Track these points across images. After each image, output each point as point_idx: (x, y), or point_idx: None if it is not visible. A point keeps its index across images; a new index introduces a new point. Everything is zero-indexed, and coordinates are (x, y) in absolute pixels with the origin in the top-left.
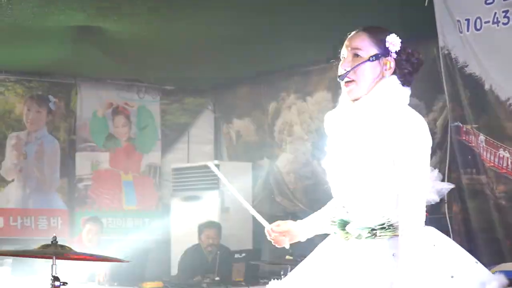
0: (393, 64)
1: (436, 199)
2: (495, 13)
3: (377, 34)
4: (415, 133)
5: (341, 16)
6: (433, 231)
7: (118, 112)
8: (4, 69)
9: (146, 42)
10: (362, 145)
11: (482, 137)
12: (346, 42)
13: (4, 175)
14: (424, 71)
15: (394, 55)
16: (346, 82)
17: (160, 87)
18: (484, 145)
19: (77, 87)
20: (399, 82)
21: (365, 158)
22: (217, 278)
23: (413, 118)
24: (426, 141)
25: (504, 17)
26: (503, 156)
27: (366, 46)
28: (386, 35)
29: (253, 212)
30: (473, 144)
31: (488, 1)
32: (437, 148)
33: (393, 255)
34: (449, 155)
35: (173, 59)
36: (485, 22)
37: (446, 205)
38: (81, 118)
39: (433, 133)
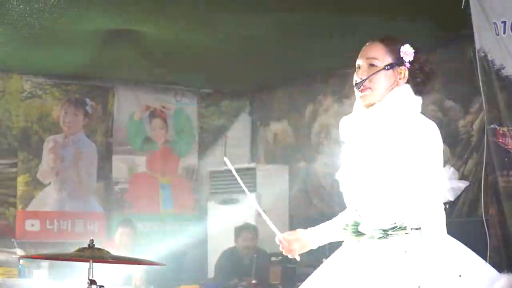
0: (406, 73)
1: (451, 198)
2: None
3: (392, 44)
4: (428, 139)
5: (379, 19)
6: (418, 236)
7: (155, 115)
8: (41, 73)
9: (183, 45)
10: (377, 151)
11: None
12: (361, 52)
13: (41, 178)
14: (460, 74)
15: (408, 65)
16: (362, 89)
17: (197, 90)
18: None
19: (114, 90)
20: (412, 90)
21: (379, 163)
22: (254, 281)
23: (426, 125)
24: (439, 147)
25: None
26: None
27: (382, 55)
28: (401, 45)
29: (265, 217)
30: (510, 147)
31: None
32: (474, 150)
33: (405, 252)
34: (486, 157)
35: (210, 62)
36: None
37: (482, 208)
38: (118, 121)
39: (469, 136)
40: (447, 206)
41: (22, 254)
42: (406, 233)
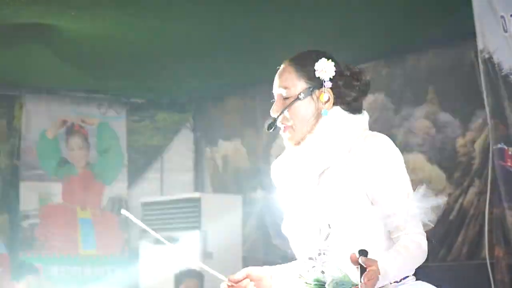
0: (327, 96)
1: (433, 218)
2: None
3: (305, 64)
4: (387, 154)
5: (365, 16)
6: (424, 285)
7: (74, 131)
8: None
9: (110, 45)
10: (328, 190)
11: None
12: (275, 80)
13: None
14: (459, 81)
15: (329, 84)
16: (284, 127)
17: (126, 100)
18: None
19: (21, 100)
20: (344, 112)
21: (335, 203)
22: None
23: (379, 137)
24: (400, 159)
25: None
26: None
27: (294, 82)
28: (314, 63)
29: (200, 264)
30: None
31: None
32: (475, 176)
33: None
34: (491, 184)
35: (143, 66)
36: None
37: (486, 248)
38: (27, 139)
39: (470, 158)
40: (433, 241)
41: None
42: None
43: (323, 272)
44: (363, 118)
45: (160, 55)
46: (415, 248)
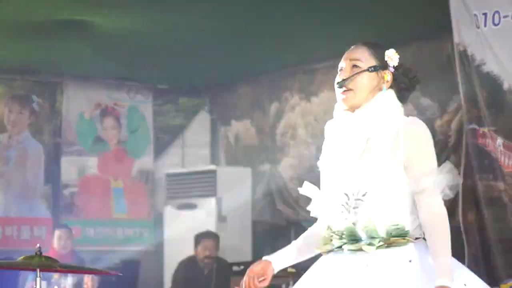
0: (390, 78)
1: (450, 194)
2: None
3: (377, 48)
4: (424, 135)
5: (349, 13)
6: (419, 245)
7: (107, 113)
8: None
9: (138, 38)
10: (370, 154)
11: (500, 140)
12: (345, 55)
13: None
14: (438, 70)
15: (392, 69)
16: (344, 91)
17: (152, 86)
18: (502, 149)
19: (63, 86)
20: (395, 96)
21: (377, 164)
22: None
23: (416, 121)
24: (431, 141)
25: None
26: None
27: (366, 57)
28: (385, 50)
29: None
30: (490, 148)
31: None
32: (451, 152)
33: (409, 261)
34: (464, 160)
35: (167, 56)
36: (504, 17)
37: (460, 214)
38: (67, 119)
39: (446, 136)
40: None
41: None
42: (409, 241)
43: (354, 223)
44: (402, 109)
45: (181, 48)
46: (442, 224)
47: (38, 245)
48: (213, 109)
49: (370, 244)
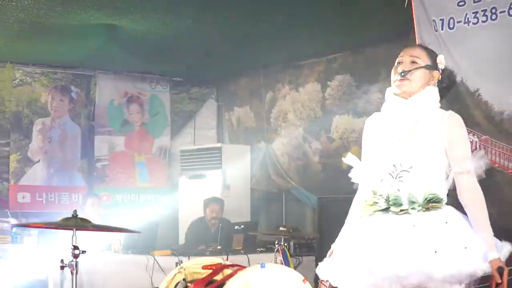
0: (437, 77)
1: (483, 175)
2: (466, 14)
3: (431, 51)
4: (462, 126)
5: (328, 17)
6: (450, 209)
7: (133, 100)
8: (31, 62)
9: (157, 38)
10: (417, 134)
11: None
12: (404, 51)
13: (31, 156)
14: None
15: (440, 71)
16: (402, 79)
17: (169, 78)
18: None
19: (96, 78)
20: (437, 91)
21: (421, 145)
22: (219, 247)
23: (456, 115)
24: (466, 132)
25: (474, 17)
26: (472, 140)
27: (424, 56)
28: (437, 55)
29: None
30: None
31: (460, 3)
32: None
33: (446, 222)
34: None
35: (181, 54)
36: (457, 22)
37: None
38: (100, 106)
39: None
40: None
41: (14, 222)
42: (442, 206)
43: (398, 190)
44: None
45: (193, 47)
46: (483, 202)
47: (74, 209)
48: (219, 97)
49: (412, 208)
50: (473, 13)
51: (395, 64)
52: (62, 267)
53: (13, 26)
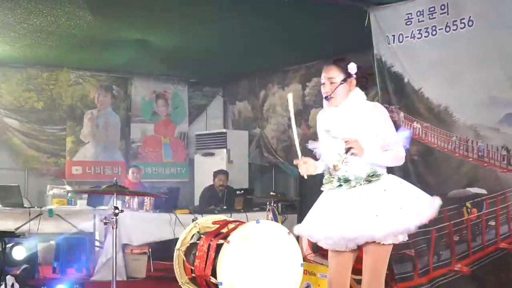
0: (354, 82)
1: (407, 145)
2: (412, 31)
3: (342, 65)
4: (384, 113)
5: (307, 31)
6: (389, 178)
7: (160, 97)
8: (82, 67)
9: (177, 48)
10: (355, 127)
11: (402, 114)
12: (322, 73)
13: (82, 139)
14: (367, 71)
15: (354, 76)
16: (328, 99)
17: (187, 80)
18: (403, 120)
19: (132, 80)
20: (361, 90)
21: (358, 134)
22: (225, 207)
23: (378, 104)
24: (389, 115)
25: (419, 33)
26: (416, 127)
27: (337, 74)
28: (348, 64)
29: (297, 143)
30: (396, 119)
31: (407, 23)
32: None
33: (384, 190)
34: None
35: (196, 60)
36: (406, 37)
37: None
38: (135, 101)
39: None
40: None
41: (70, 189)
42: (381, 178)
43: (346, 171)
44: (365, 95)
45: (204, 55)
46: (395, 154)
47: (115, 178)
48: (224, 94)
49: (358, 183)
50: (418, 30)
51: (321, 81)
52: (105, 223)
53: (68, 39)
